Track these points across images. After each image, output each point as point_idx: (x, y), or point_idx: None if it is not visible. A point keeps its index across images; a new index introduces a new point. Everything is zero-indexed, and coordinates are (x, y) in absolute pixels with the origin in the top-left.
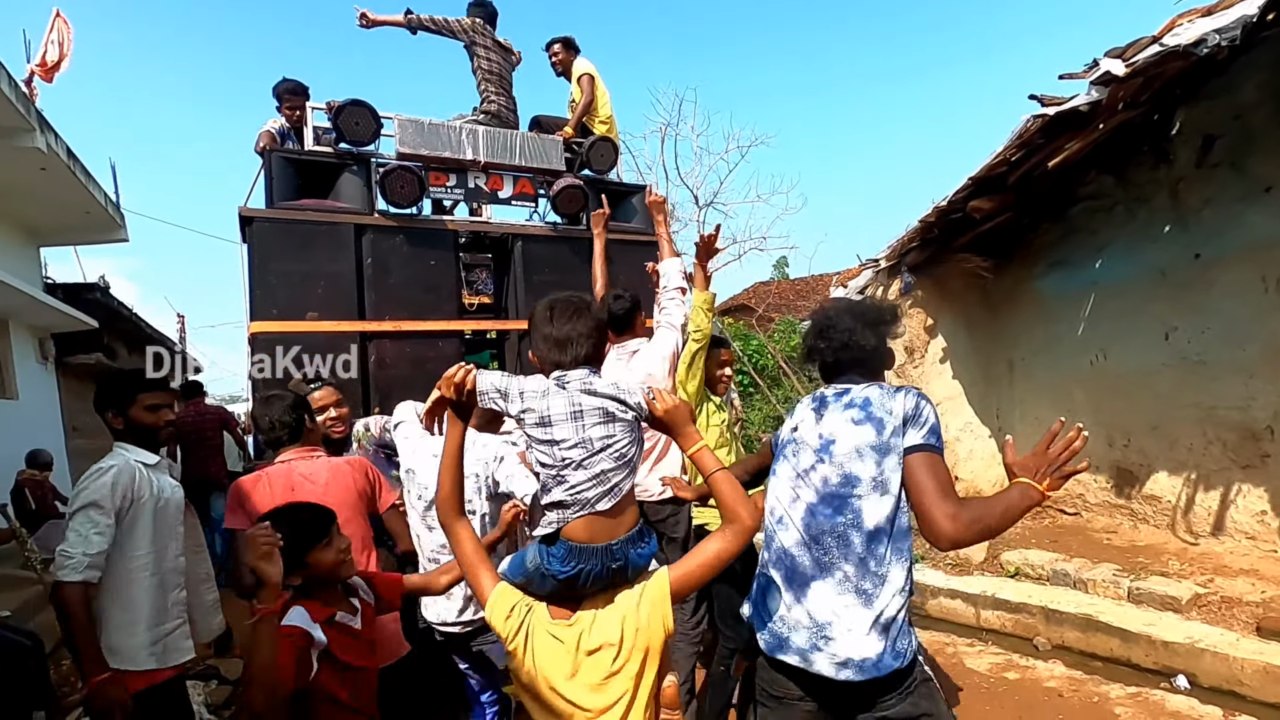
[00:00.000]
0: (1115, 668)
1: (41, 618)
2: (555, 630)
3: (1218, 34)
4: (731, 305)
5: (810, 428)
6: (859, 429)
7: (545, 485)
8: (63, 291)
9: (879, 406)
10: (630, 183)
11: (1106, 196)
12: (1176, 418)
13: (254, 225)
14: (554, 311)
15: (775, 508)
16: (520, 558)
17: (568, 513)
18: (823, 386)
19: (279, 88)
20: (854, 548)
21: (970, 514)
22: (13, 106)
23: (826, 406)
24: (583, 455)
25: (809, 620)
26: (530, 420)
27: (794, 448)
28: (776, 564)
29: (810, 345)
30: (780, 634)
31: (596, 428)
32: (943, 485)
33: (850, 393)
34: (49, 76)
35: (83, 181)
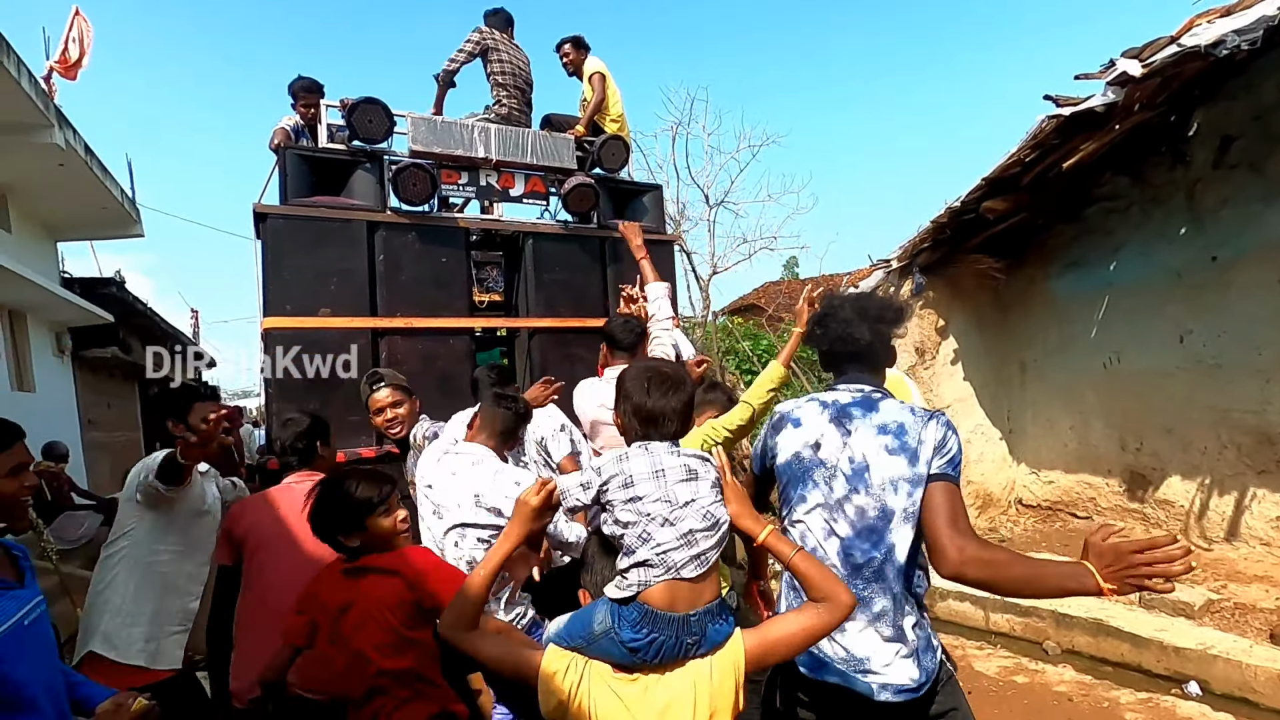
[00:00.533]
0: (1126, 673)
1: (57, 607)
2: (617, 686)
3: (1237, 35)
4: (741, 305)
5: (836, 447)
6: (894, 460)
7: (629, 547)
8: (79, 286)
9: (913, 435)
10: (641, 181)
11: (1122, 197)
12: (1191, 421)
13: (268, 222)
14: (650, 384)
15: (807, 538)
16: (585, 616)
17: (651, 574)
18: (831, 388)
19: (294, 85)
20: (889, 582)
21: (985, 554)
22: (32, 103)
23: (852, 420)
24: (668, 510)
25: (846, 654)
26: (614, 486)
27: (823, 473)
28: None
29: (809, 331)
30: (819, 659)
31: (680, 485)
32: (955, 514)
33: (879, 410)
34: (71, 74)
35: (99, 177)
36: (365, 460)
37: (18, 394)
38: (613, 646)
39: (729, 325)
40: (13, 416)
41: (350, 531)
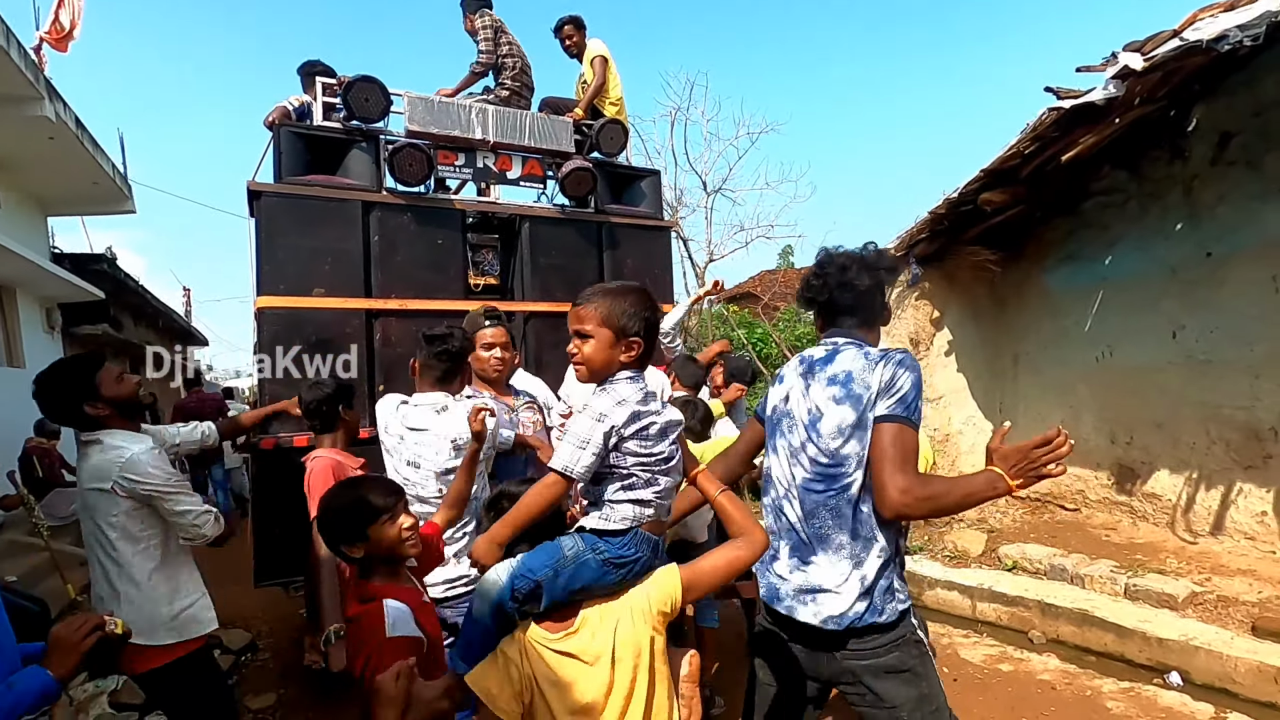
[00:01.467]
0: (1109, 663)
1: (48, 583)
2: (564, 645)
3: (1240, 30)
4: (737, 293)
5: (799, 400)
6: (840, 408)
7: (630, 484)
8: (70, 262)
9: (859, 381)
10: (640, 166)
11: (1119, 192)
12: (1181, 416)
13: (262, 200)
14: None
15: (779, 483)
16: (549, 548)
17: (645, 513)
18: (818, 345)
19: (305, 68)
20: (845, 518)
21: (925, 490)
22: (22, 74)
23: (814, 374)
24: (669, 467)
25: (802, 582)
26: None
27: (788, 423)
28: (786, 535)
29: (805, 283)
30: (774, 588)
31: (674, 445)
32: (900, 456)
33: (834, 361)
34: (62, 46)
35: (90, 151)
36: (358, 440)
37: (7, 369)
38: (588, 568)
39: (724, 313)
40: (3, 393)
41: (353, 542)
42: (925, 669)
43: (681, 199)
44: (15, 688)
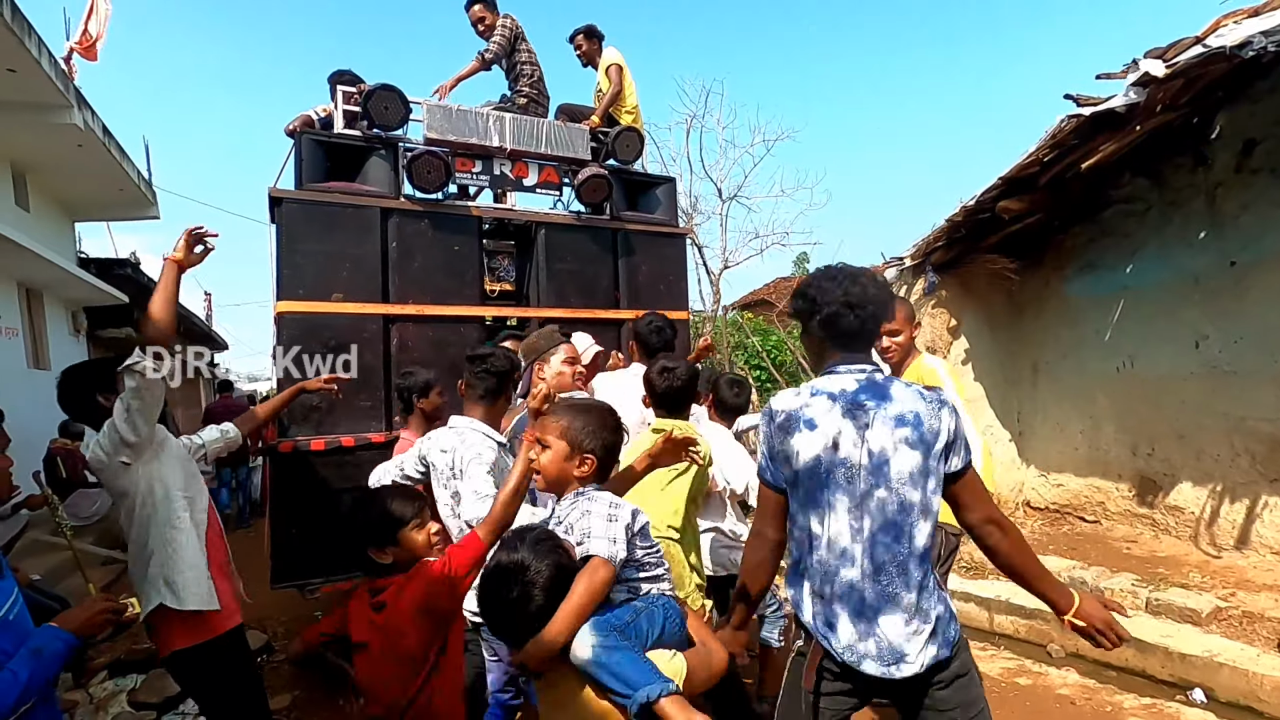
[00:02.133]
0: (1130, 678)
1: (70, 582)
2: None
3: (1264, 36)
4: (752, 300)
5: (854, 444)
6: (912, 453)
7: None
8: (95, 266)
9: (928, 426)
10: (655, 174)
11: (1141, 200)
12: (1204, 427)
13: (283, 206)
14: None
15: (837, 541)
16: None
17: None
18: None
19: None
20: (912, 575)
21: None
22: (52, 83)
23: (865, 412)
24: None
25: (878, 650)
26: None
27: (845, 472)
28: (844, 599)
29: (835, 313)
30: (859, 652)
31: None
32: (985, 498)
33: (894, 399)
34: (91, 55)
35: (117, 159)
36: (374, 445)
37: (34, 371)
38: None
39: (739, 320)
40: (29, 394)
41: (384, 545)
42: (971, 663)
43: (696, 206)
44: (44, 653)
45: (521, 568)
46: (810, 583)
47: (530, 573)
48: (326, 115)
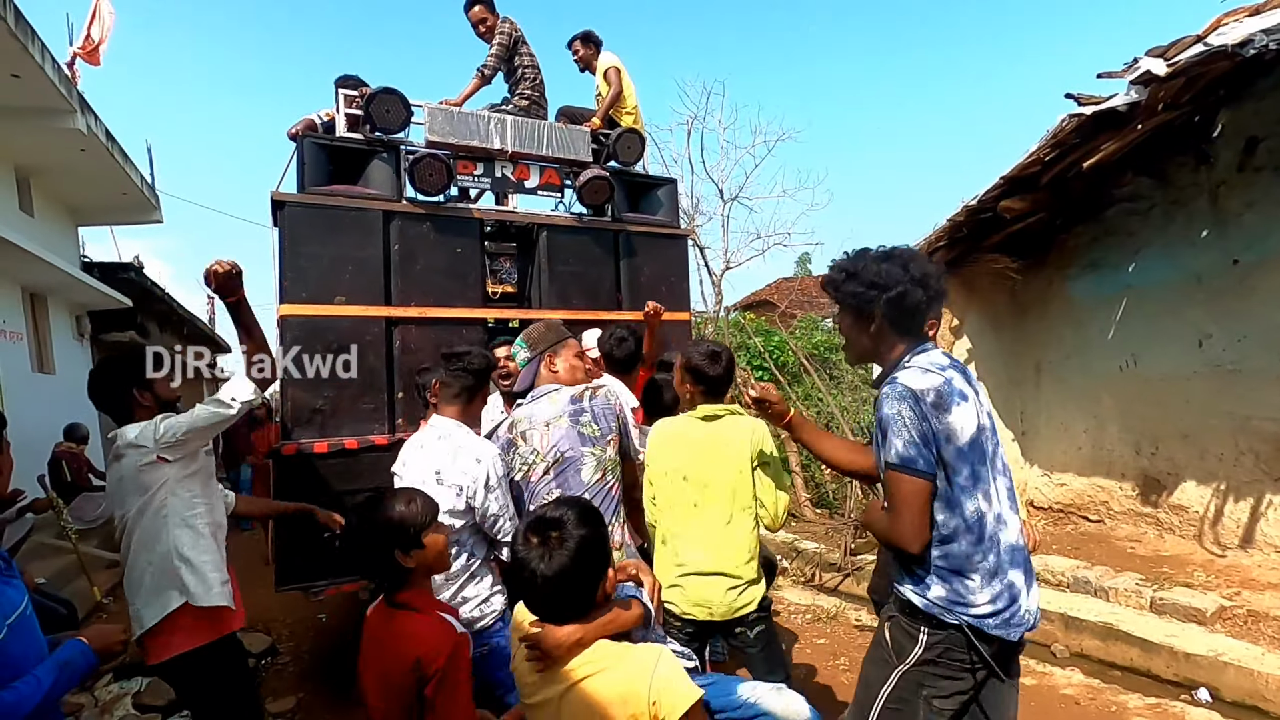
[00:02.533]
0: (1134, 678)
1: (75, 585)
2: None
3: (1265, 35)
4: (754, 300)
5: (982, 408)
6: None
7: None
8: (99, 270)
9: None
10: (657, 175)
11: (1143, 199)
12: (1208, 426)
13: (285, 209)
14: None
15: (999, 509)
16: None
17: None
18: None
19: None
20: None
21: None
22: (55, 89)
23: (970, 378)
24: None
25: (1033, 611)
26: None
27: (990, 439)
28: (1016, 563)
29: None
30: (1018, 621)
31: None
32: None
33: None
34: (94, 59)
35: (120, 163)
36: (377, 447)
37: (38, 375)
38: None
39: (741, 320)
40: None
41: (410, 548)
42: None
43: (698, 207)
44: (70, 666)
45: (560, 523)
46: (981, 565)
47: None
48: (329, 119)
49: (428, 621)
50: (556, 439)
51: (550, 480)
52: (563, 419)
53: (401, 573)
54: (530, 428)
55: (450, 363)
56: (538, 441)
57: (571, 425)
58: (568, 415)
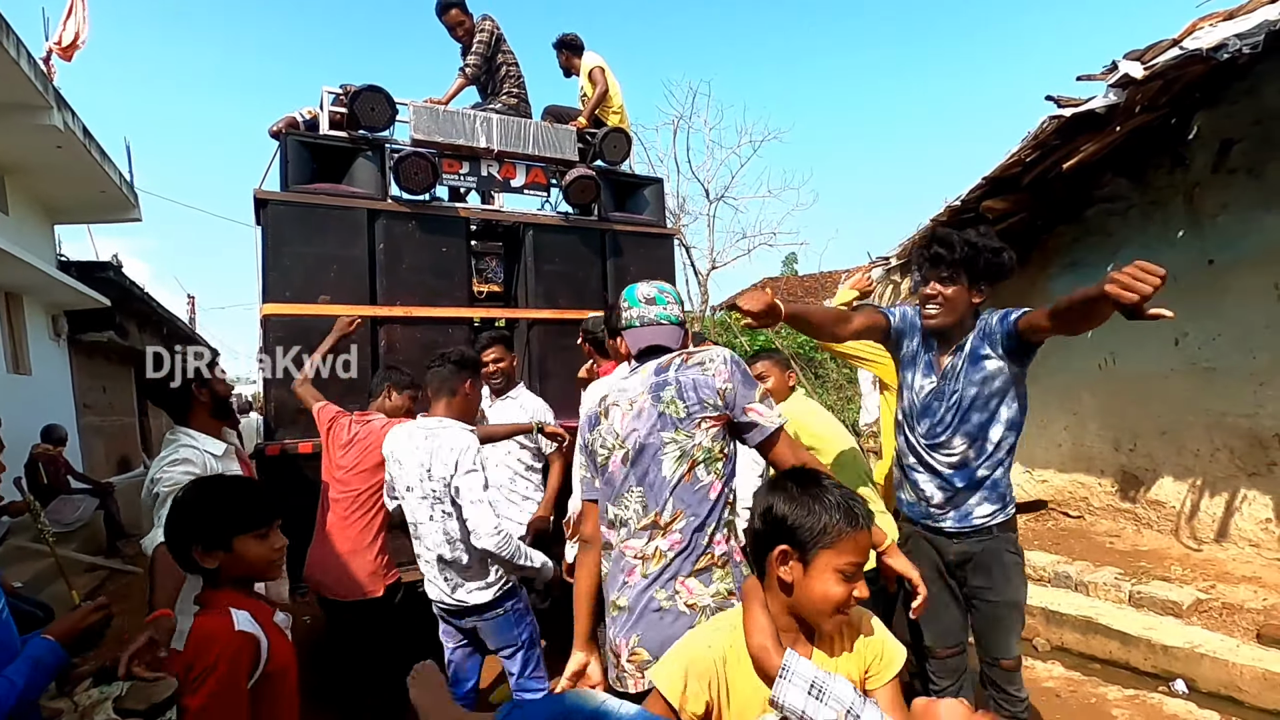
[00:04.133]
0: (1114, 670)
1: (52, 589)
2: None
3: (1239, 39)
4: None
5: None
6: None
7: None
8: (76, 269)
9: None
10: (643, 175)
11: (1122, 199)
12: (1185, 423)
13: (269, 208)
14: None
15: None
16: None
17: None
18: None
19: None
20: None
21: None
22: (31, 84)
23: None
24: None
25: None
26: None
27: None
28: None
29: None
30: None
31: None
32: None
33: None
34: (68, 55)
35: (98, 160)
36: None
37: (14, 376)
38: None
39: (727, 320)
40: (9, 399)
41: (211, 548)
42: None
43: (684, 207)
44: (41, 664)
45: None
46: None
47: None
48: (312, 117)
49: (202, 621)
50: (634, 420)
51: (629, 473)
52: (644, 394)
53: (203, 571)
54: (615, 402)
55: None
56: (618, 421)
57: (653, 403)
58: (649, 389)
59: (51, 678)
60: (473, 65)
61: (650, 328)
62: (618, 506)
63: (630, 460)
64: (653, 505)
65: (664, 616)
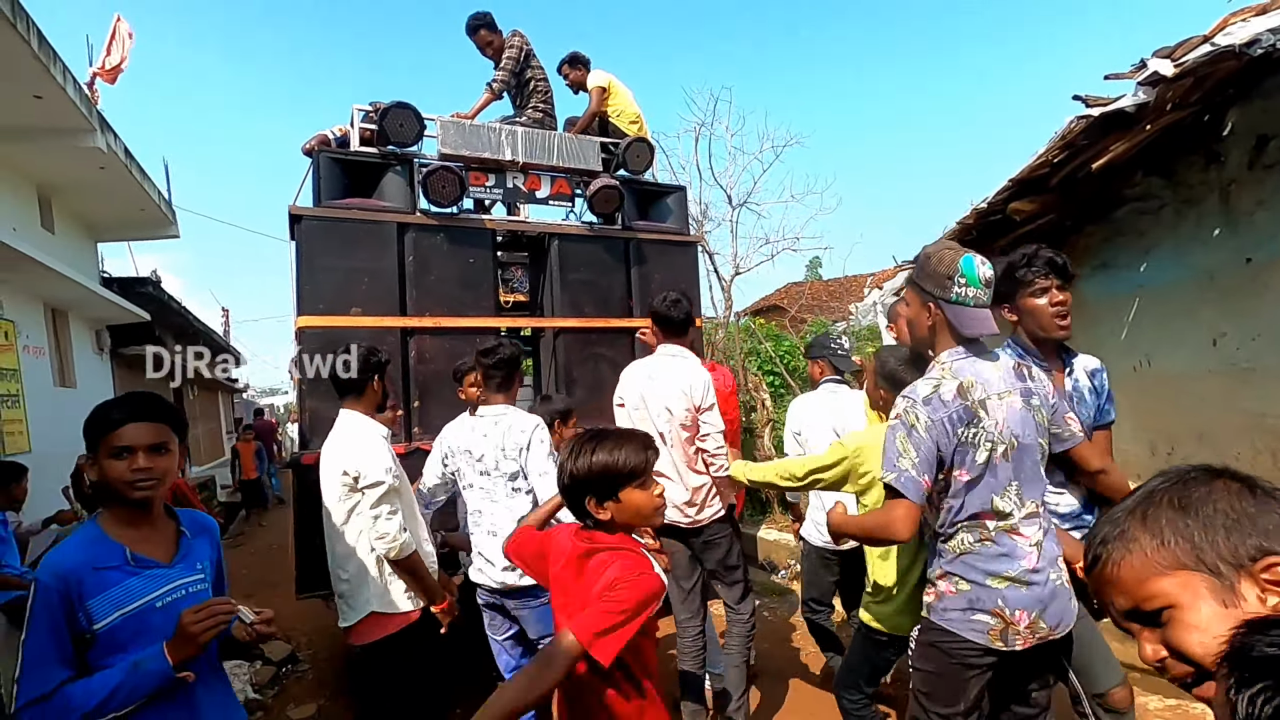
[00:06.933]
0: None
1: None
2: None
3: (1272, 34)
4: (763, 306)
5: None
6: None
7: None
8: (117, 285)
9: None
10: (666, 183)
11: (1154, 198)
12: (1224, 426)
13: (302, 223)
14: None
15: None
16: None
17: None
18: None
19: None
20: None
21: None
22: (76, 109)
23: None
24: None
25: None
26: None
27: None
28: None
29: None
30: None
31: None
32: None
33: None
34: (111, 78)
35: (139, 180)
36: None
37: (60, 390)
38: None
39: (751, 326)
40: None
41: (603, 499)
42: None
43: (706, 213)
44: (140, 668)
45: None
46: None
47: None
48: (343, 134)
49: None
50: (1012, 420)
51: (1009, 466)
52: (1014, 394)
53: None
54: (986, 396)
55: (486, 356)
56: (996, 416)
57: (1025, 407)
58: (1019, 392)
59: (151, 689)
60: (500, 80)
61: (983, 311)
62: (1000, 496)
63: (1009, 456)
64: (1029, 498)
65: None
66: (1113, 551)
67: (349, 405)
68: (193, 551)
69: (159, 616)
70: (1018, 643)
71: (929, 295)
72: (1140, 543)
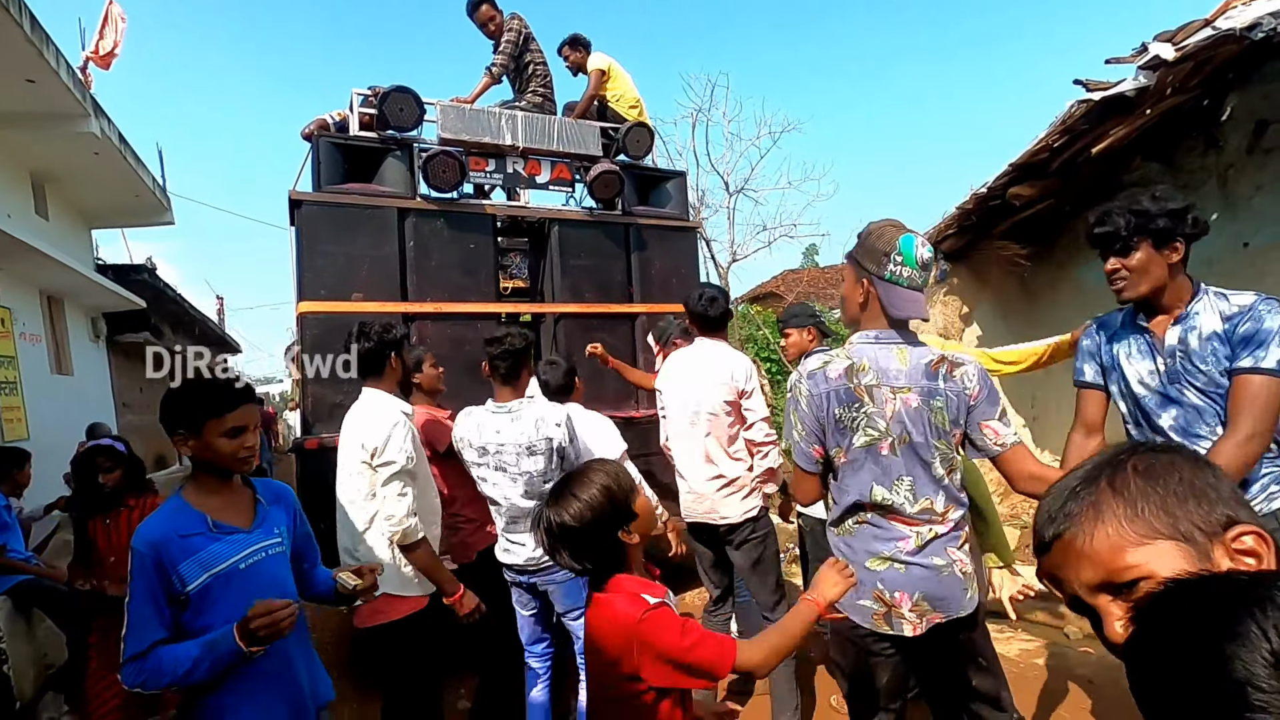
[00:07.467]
0: None
1: None
2: None
3: (1273, 18)
4: (761, 292)
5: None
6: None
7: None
8: (112, 272)
9: None
10: (665, 169)
11: (1153, 183)
12: None
13: (302, 209)
14: None
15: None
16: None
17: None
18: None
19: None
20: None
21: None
22: (70, 93)
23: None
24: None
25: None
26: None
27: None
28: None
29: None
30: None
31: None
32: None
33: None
34: (105, 63)
35: (133, 166)
36: None
37: (57, 377)
38: None
39: (749, 313)
40: (52, 399)
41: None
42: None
43: (704, 200)
44: (216, 647)
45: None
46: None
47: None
48: (342, 119)
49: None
50: (905, 415)
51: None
52: (914, 392)
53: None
54: (878, 384)
55: (493, 346)
56: (885, 408)
57: (922, 406)
58: (921, 392)
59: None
60: (499, 64)
61: (916, 294)
62: (887, 489)
63: (899, 451)
64: (923, 495)
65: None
66: (1083, 523)
67: (370, 384)
68: (270, 517)
69: (244, 577)
70: (905, 628)
71: (864, 270)
72: (1114, 511)
